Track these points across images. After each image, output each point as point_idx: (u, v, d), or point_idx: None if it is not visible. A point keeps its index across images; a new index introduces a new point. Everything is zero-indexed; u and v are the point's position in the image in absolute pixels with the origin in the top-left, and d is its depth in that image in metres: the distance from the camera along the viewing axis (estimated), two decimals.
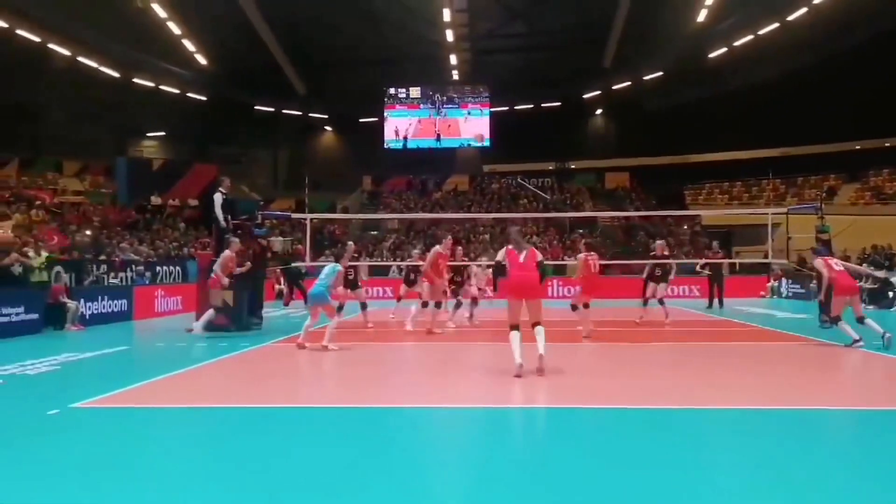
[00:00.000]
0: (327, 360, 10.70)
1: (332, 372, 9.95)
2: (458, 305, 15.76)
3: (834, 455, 5.43)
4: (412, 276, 16.67)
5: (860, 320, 11.47)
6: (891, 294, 19.64)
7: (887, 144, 40.83)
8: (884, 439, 5.86)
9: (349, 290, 15.59)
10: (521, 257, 9.41)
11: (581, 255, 13.51)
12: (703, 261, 23.47)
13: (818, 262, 12.34)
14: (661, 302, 16.03)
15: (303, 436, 6.05)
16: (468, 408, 7.25)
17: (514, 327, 9.04)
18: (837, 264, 12.15)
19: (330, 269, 12.01)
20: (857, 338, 11.24)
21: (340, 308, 14.15)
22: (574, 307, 13.29)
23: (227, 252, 13.81)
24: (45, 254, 16.32)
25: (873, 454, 5.40)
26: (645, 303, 16.26)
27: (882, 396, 7.86)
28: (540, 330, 9.10)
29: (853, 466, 5.08)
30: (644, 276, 17.05)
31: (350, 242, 17.30)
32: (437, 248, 14.55)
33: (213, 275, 13.19)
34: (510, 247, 9.59)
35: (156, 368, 9.40)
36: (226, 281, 13.56)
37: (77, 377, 9.24)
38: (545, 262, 9.60)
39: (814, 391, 7.99)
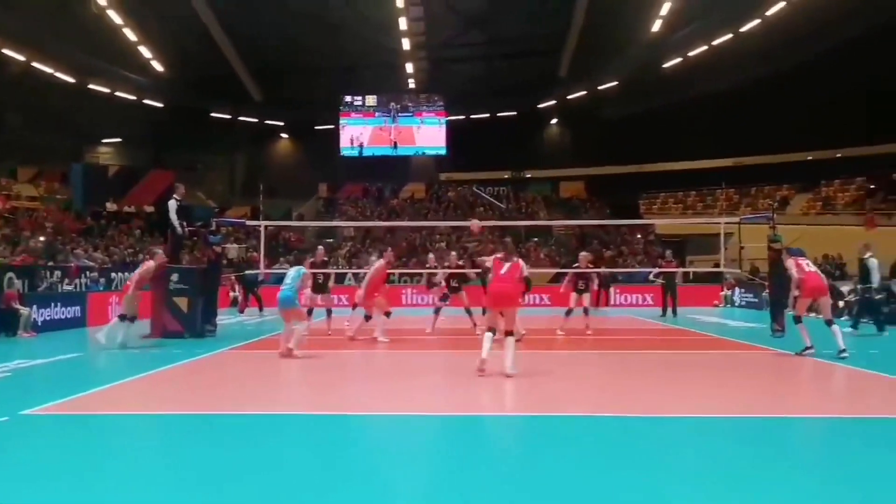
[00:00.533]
0: (285, 367, 10.83)
1: (290, 379, 10.08)
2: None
3: (789, 461, 5.54)
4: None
5: (829, 323, 11.62)
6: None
7: (839, 155, 41.56)
8: (840, 446, 6.11)
9: (318, 295, 15.66)
10: (504, 269, 9.93)
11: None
12: (657, 270, 23.82)
13: (789, 262, 12.36)
14: (585, 311, 16.11)
15: (258, 443, 6.10)
16: (427, 415, 7.37)
17: (491, 330, 9.78)
18: (809, 265, 12.19)
19: (295, 272, 12.09)
20: (810, 345, 11.52)
21: (309, 313, 14.24)
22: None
23: (150, 263, 13.85)
24: None
25: (827, 461, 5.64)
26: (568, 313, 16.12)
27: (836, 405, 8.16)
28: (510, 342, 9.66)
29: (807, 472, 5.23)
30: (564, 286, 17.06)
31: (320, 247, 17.35)
32: (380, 262, 14.82)
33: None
34: (499, 256, 10.14)
35: (109, 375, 9.50)
36: (135, 290, 13.45)
37: (28, 384, 9.27)
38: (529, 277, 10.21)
39: (767, 399, 8.09)
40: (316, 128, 47.42)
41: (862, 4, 33.83)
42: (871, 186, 38.74)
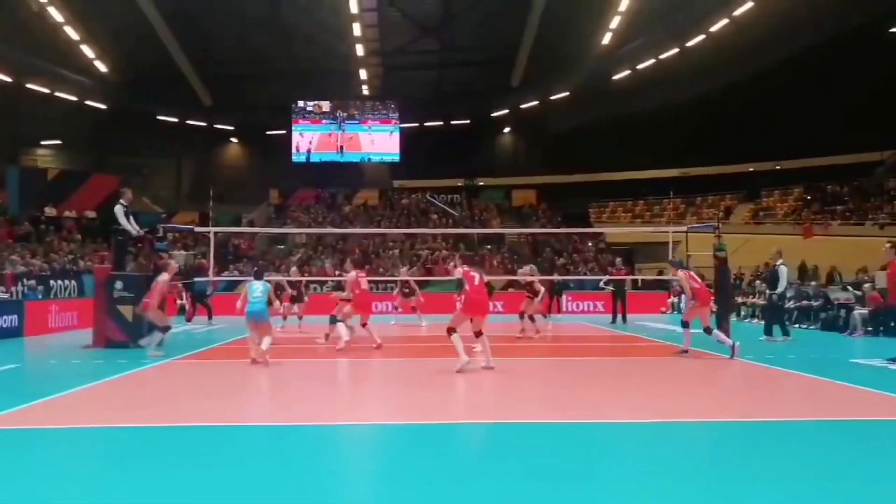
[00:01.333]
0: (240, 377, 10.47)
1: (241, 389, 9.68)
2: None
3: (731, 462, 5.58)
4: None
5: (707, 331, 12.61)
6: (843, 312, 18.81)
7: (778, 167, 43.08)
8: (786, 446, 6.09)
9: (293, 305, 15.64)
10: (477, 280, 11.03)
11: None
12: (607, 277, 23.97)
13: (681, 274, 13.17)
14: (531, 318, 16.67)
15: (205, 456, 5.83)
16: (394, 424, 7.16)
17: (454, 330, 10.73)
18: (697, 279, 13.09)
19: (265, 286, 12.08)
20: (686, 349, 12.75)
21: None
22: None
23: (164, 276, 13.15)
24: None
25: (775, 461, 5.59)
26: (521, 316, 16.76)
27: (787, 407, 8.20)
28: (484, 340, 11.01)
29: (754, 474, 5.24)
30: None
31: (294, 267, 17.55)
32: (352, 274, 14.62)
33: (145, 299, 12.52)
34: (468, 269, 11.35)
35: (50, 387, 8.93)
36: (155, 304, 12.85)
37: None
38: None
39: (715, 403, 8.21)
40: (267, 133, 46.67)
41: (799, 23, 35.00)
42: (808, 197, 39.86)
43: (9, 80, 36.93)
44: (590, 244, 37.25)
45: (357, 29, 36.65)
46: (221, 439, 6.44)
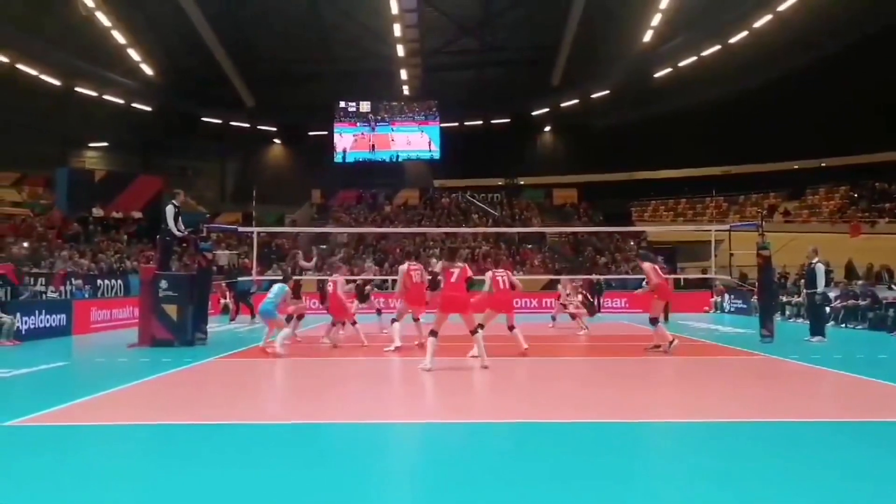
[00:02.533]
0: (275, 374, 10.57)
1: (277, 387, 9.79)
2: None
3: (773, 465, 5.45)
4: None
5: (653, 321, 12.94)
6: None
7: (823, 164, 42.18)
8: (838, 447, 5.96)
9: (359, 303, 16.55)
10: (455, 277, 10.85)
11: (488, 273, 12.86)
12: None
13: (646, 266, 13.21)
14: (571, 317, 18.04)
15: (251, 454, 5.88)
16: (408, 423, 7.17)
17: (434, 334, 10.56)
18: (660, 273, 13.28)
19: (278, 289, 12.59)
20: (672, 339, 12.72)
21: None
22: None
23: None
24: None
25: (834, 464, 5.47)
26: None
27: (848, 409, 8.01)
28: (478, 338, 10.89)
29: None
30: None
31: (342, 265, 17.69)
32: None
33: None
34: (448, 265, 11.25)
35: (96, 385, 9.11)
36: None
37: (11, 394, 8.90)
38: (473, 278, 11.25)
39: (765, 403, 8.08)
40: (309, 133, 47.15)
41: (846, 19, 34.42)
42: (855, 194, 39.03)
43: (58, 83, 37.84)
44: (632, 243, 36.91)
45: (398, 30, 36.85)
46: (256, 437, 6.52)
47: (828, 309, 17.81)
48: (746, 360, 12.31)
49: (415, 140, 44.96)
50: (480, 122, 47.58)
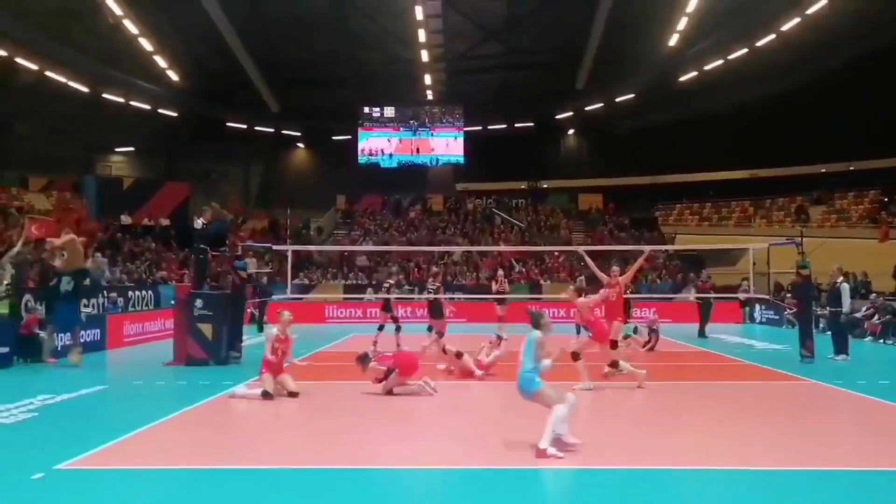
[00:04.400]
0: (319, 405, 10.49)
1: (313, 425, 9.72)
2: None
3: None
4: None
5: (574, 356, 11.78)
6: None
7: (852, 168, 41.62)
8: None
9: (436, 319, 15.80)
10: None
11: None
12: (694, 295, 23.79)
13: (581, 302, 11.93)
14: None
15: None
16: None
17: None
18: (595, 313, 12.23)
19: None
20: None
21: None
22: None
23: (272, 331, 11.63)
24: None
25: None
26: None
27: None
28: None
29: None
30: None
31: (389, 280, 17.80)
32: None
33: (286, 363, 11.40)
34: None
35: (140, 415, 9.06)
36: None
37: (57, 427, 8.80)
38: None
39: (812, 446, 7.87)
40: (333, 138, 47.22)
41: (874, 22, 34.04)
42: (885, 199, 38.54)
43: (86, 90, 38.15)
44: (663, 250, 36.54)
45: (422, 35, 36.74)
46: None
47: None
48: (794, 386, 12.15)
49: (439, 144, 44.94)
50: (504, 126, 47.38)
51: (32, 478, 6.35)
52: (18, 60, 34.34)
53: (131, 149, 45.58)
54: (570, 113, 47.41)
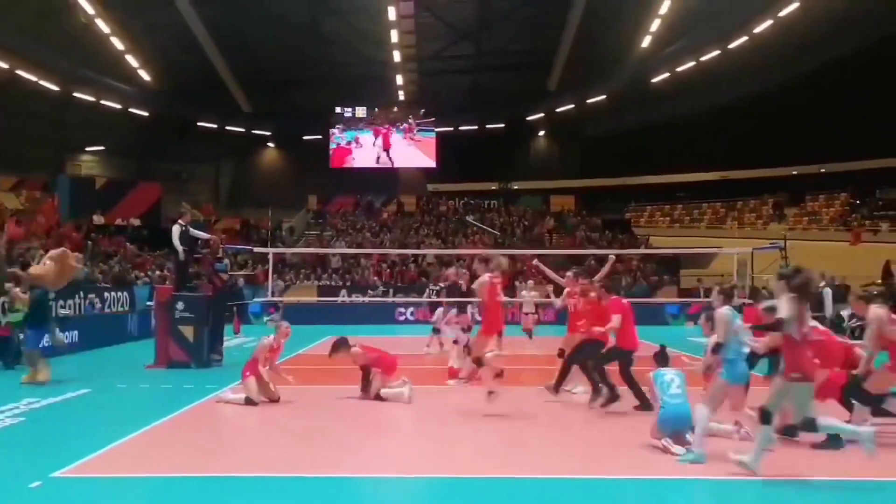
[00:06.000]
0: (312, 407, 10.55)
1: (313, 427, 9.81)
2: None
3: None
4: None
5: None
6: None
7: (823, 170, 42.21)
8: None
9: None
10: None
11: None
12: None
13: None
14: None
15: None
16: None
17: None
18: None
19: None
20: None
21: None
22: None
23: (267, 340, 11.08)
24: None
25: None
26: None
27: None
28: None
29: None
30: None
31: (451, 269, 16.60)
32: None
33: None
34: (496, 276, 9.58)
35: (130, 420, 9.11)
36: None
37: (48, 432, 8.83)
38: None
39: None
40: (304, 138, 47.06)
41: (847, 25, 34.52)
42: (856, 201, 39.13)
43: (57, 89, 37.78)
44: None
45: (395, 35, 36.79)
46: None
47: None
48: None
49: (410, 146, 44.93)
50: (475, 127, 47.49)
51: (30, 486, 6.33)
52: None
53: (102, 148, 45.05)
54: (542, 114, 47.59)
